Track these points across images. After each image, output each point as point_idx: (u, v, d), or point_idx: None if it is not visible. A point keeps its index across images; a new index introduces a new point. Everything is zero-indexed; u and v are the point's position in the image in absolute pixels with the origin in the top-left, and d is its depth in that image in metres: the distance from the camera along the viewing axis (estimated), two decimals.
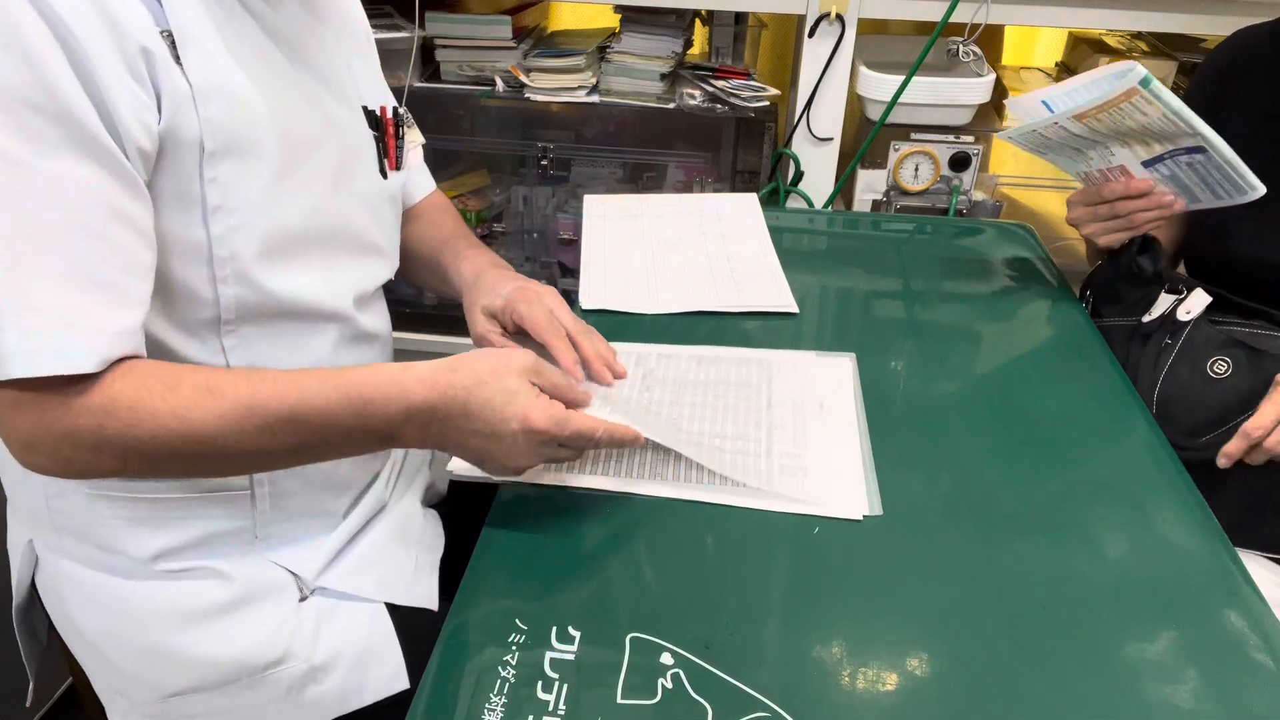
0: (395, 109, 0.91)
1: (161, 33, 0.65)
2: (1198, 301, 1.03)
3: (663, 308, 1.02)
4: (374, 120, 0.87)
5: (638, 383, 0.89)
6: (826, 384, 0.91)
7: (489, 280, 0.93)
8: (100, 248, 0.63)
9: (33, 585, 0.86)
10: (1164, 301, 1.05)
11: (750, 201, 1.27)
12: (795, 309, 1.03)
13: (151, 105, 0.65)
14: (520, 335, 0.89)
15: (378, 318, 0.91)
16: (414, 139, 0.97)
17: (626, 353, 0.93)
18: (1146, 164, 1.02)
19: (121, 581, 0.80)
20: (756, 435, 0.83)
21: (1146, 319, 1.07)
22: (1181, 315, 1.04)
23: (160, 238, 0.68)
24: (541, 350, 0.87)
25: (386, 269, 0.90)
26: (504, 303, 0.89)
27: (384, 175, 0.88)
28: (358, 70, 0.88)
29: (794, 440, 0.83)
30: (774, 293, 1.05)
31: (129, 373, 0.65)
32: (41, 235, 0.61)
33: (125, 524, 0.78)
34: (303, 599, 0.83)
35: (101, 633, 0.81)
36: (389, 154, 0.89)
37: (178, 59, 0.66)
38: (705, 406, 0.87)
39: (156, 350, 0.72)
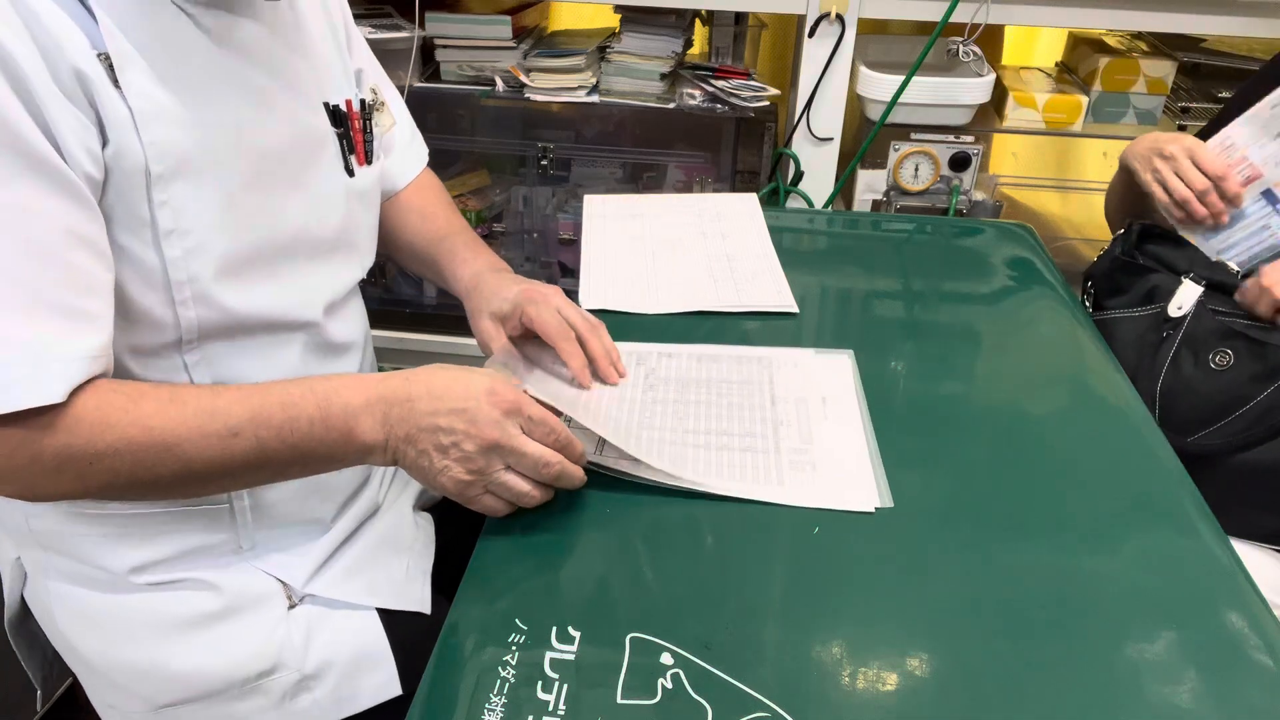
0: (363, 101, 0.87)
1: (98, 55, 0.63)
2: (1188, 296, 1.03)
3: (663, 308, 1.02)
4: (337, 116, 0.84)
5: (640, 381, 0.90)
6: (828, 380, 0.91)
7: (489, 285, 0.92)
8: (61, 274, 0.62)
9: (24, 600, 0.86)
10: (1182, 294, 1.05)
11: (750, 202, 1.27)
12: (795, 309, 1.03)
13: (94, 130, 0.63)
14: (526, 339, 0.90)
15: (351, 324, 0.88)
16: (384, 123, 0.94)
17: (627, 352, 0.93)
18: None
19: (107, 596, 0.79)
20: (763, 432, 0.83)
21: (1153, 310, 1.07)
22: (1173, 311, 1.04)
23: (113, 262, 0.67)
24: (549, 354, 0.88)
25: (358, 268, 0.88)
26: (511, 307, 0.89)
27: (350, 173, 0.85)
28: (322, 64, 0.84)
29: (800, 435, 0.83)
30: (774, 293, 1.05)
31: (91, 390, 0.65)
32: (1, 269, 0.60)
33: (103, 540, 0.78)
34: (292, 607, 0.82)
35: (91, 647, 0.81)
36: (356, 149, 0.86)
37: (116, 82, 0.64)
38: (709, 404, 0.87)
39: (116, 373, 0.71)
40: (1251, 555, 0.96)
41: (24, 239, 0.61)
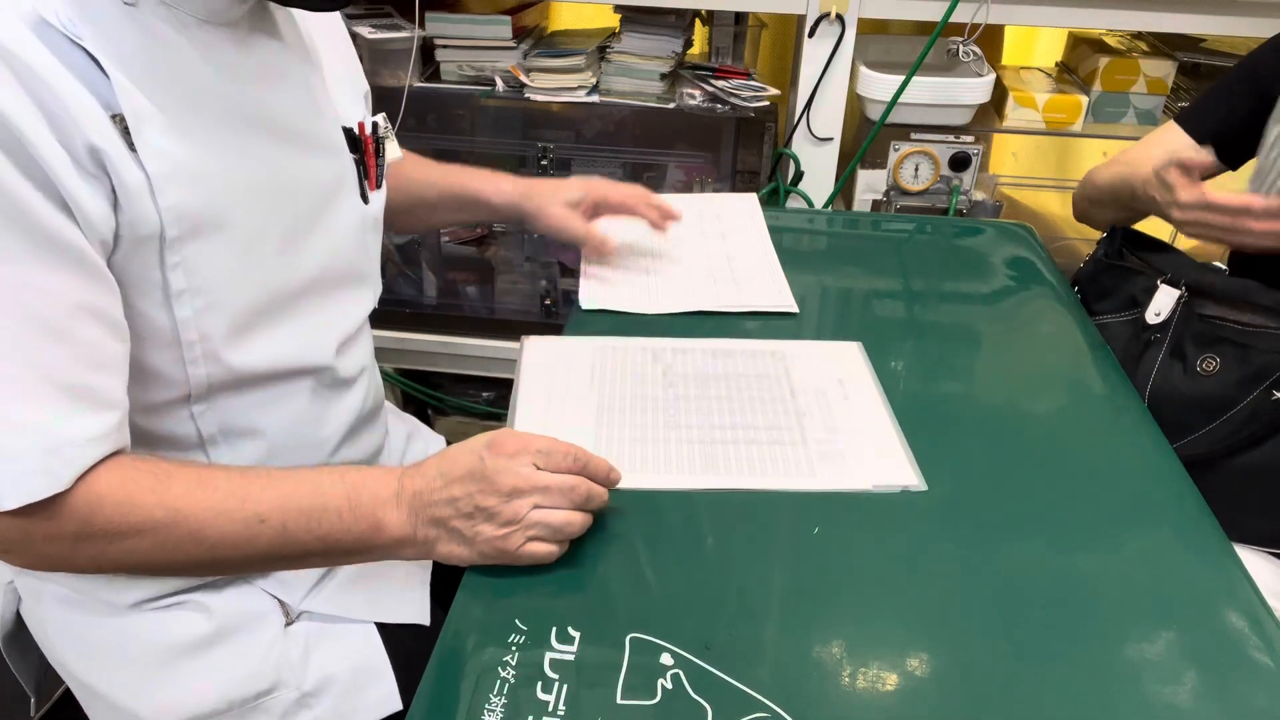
0: (375, 124, 0.86)
1: (113, 117, 0.61)
2: (1165, 301, 1.03)
3: (663, 308, 1.02)
4: (354, 141, 0.83)
5: (659, 378, 0.90)
6: (841, 368, 0.93)
7: (543, 184, 1.01)
8: (70, 351, 0.61)
9: (18, 617, 0.86)
10: (1159, 300, 1.04)
11: (750, 201, 1.26)
12: (795, 309, 1.03)
13: (108, 199, 0.62)
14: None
15: (359, 355, 0.87)
16: (393, 153, 0.94)
17: (641, 346, 0.94)
18: None
19: (103, 620, 0.79)
20: (788, 424, 0.84)
21: (1137, 315, 1.07)
22: (1150, 317, 1.04)
23: None
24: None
25: (370, 298, 0.88)
26: (581, 194, 1.01)
27: (365, 200, 0.84)
28: (336, 88, 0.82)
29: (825, 426, 0.84)
30: (774, 293, 1.05)
31: (114, 468, 0.64)
32: (10, 349, 0.59)
33: (104, 577, 0.78)
34: (289, 624, 0.82)
35: (89, 670, 0.80)
36: (369, 174, 0.85)
37: (131, 145, 0.62)
38: (730, 399, 0.87)
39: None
40: (1246, 559, 0.96)
41: (30, 317, 0.59)
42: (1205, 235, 1.01)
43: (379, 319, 0.94)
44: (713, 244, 1.15)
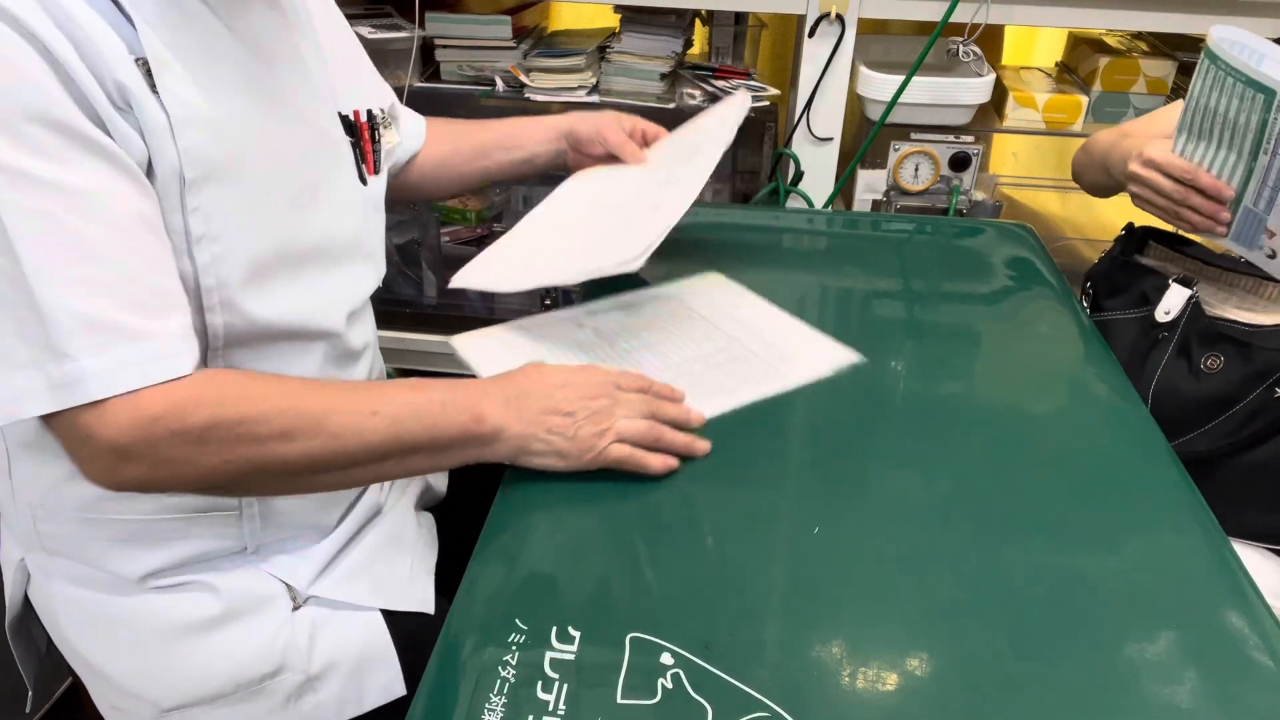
0: (370, 112, 0.89)
1: (136, 60, 0.64)
2: (1175, 300, 1.03)
3: (526, 284, 0.97)
4: (349, 126, 0.86)
5: (598, 341, 0.93)
6: (727, 295, 1.00)
7: (590, 115, 1.08)
8: (142, 254, 0.64)
9: (26, 600, 0.86)
10: (1170, 298, 1.05)
11: (738, 108, 1.05)
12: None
13: (136, 136, 0.65)
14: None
15: (365, 330, 0.90)
16: (391, 140, 0.97)
17: (560, 318, 0.97)
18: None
19: (113, 598, 0.79)
20: (729, 345, 0.90)
21: (1147, 313, 1.07)
22: (1160, 315, 1.04)
23: None
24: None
25: (374, 276, 0.90)
26: (632, 124, 1.08)
27: (363, 182, 0.87)
28: (335, 73, 0.86)
29: (759, 339, 0.91)
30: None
31: (230, 371, 0.68)
32: (90, 251, 0.61)
33: (114, 544, 0.78)
34: (296, 608, 0.82)
35: (96, 650, 0.81)
36: (366, 159, 0.88)
37: (154, 87, 0.65)
38: (669, 340, 0.92)
39: None
40: (1247, 555, 0.96)
41: (106, 222, 0.62)
42: (1152, 202, 1.03)
43: (379, 319, 0.95)
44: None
